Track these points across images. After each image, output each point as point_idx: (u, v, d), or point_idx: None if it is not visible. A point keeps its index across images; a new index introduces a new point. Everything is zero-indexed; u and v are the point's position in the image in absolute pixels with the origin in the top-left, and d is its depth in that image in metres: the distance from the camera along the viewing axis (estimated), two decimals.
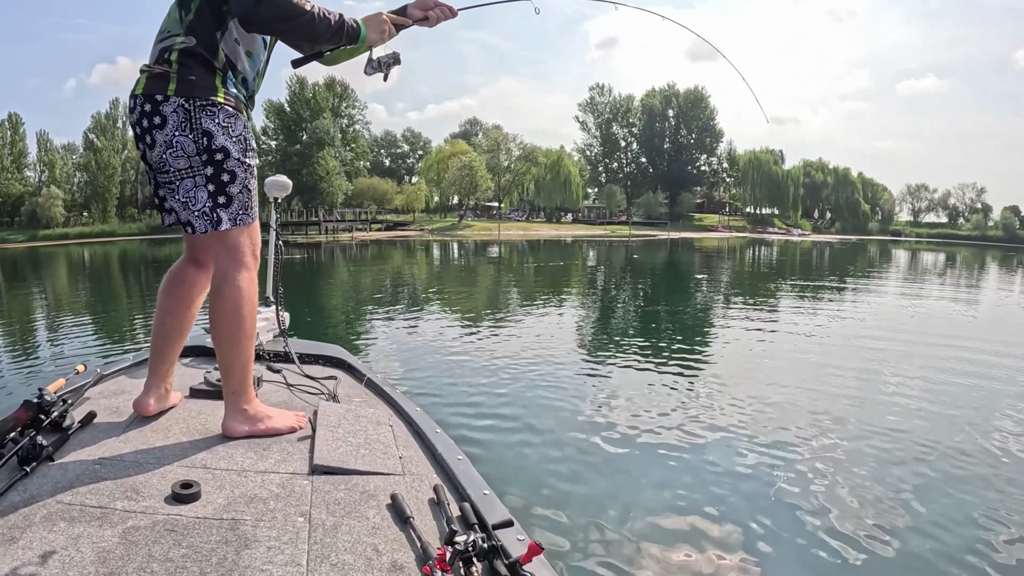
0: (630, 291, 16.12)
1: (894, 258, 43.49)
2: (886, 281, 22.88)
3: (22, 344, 9.01)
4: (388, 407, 2.86)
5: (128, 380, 3.04)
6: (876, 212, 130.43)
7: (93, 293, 16.34)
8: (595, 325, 10.65)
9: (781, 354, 8.48)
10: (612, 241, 53.64)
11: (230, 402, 2.31)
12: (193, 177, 2.17)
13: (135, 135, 2.23)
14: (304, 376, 3.14)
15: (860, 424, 5.54)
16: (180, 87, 2.12)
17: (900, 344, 9.44)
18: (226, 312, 2.25)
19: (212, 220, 2.21)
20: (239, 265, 2.27)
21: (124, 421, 2.43)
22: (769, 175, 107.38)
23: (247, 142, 2.28)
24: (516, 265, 26.14)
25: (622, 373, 7.05)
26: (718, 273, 23.47)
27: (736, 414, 5.66)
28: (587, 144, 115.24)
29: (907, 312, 14.08)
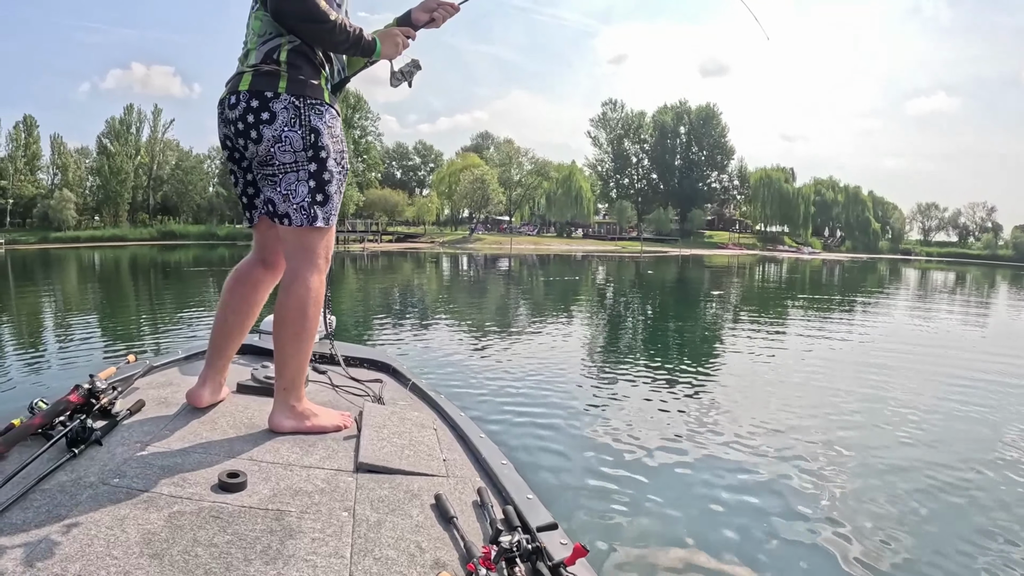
0: (647, 307, 16.18)
1: (904, 277, 42.96)
2: (896, 300, 22.80)
3: (72, 334, 9.17)
4: (433, 411, 2.89)
5: (177, 373, 3.11)
6: (887, 231, 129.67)
7: (134, 291, 16.54)
8: (621, 340, 10.72)
9: (796, 373, 8.50)
10: (623, 257, 53.48)
11: (280, 397, 2.36)
12: (297, 172, 2.26)
13: (233, 131, 2.30)
14: (350, 378, 3.17)
15: (872, 445, 5.54)
16: (291, 85, 2.24)
17: (911, 364, 9.44)
18: (292, 309, 2.31)
19: (309, 215, 2.28)
20: (312, 266, 2.34)
21: (172, 411, 2.49)
22: (780, 193, 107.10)
23: (343, 145, 2.40)
24: (532, 280, 26.14)
25: (652, 387, 7.10)
26: (732, 291, 23.45)
27: (752, 431, 5.70)
28: (598, 159, 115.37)
29: (918, 332, 14.05)
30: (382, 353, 3.81)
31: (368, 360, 3.62)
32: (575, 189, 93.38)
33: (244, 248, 29.36)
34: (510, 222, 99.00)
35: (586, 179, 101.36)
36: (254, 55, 2.30)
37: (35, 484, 1.74)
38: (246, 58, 2.34)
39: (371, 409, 2.63)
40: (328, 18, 2.20)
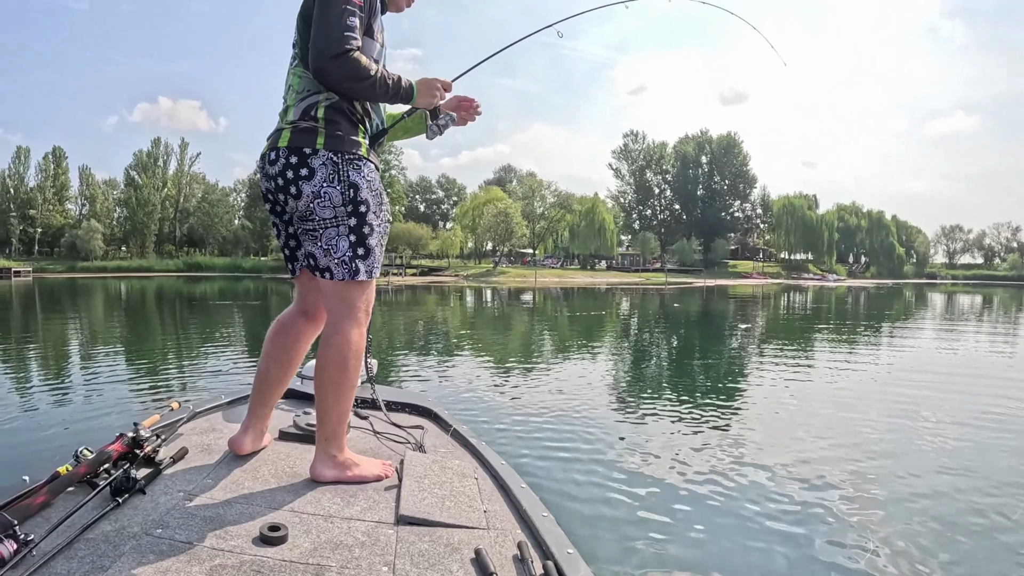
0: (677, 341, 16.02)
1: (931, 302, 42.14)
2: (923, 326, 22.50)
3: (113, 377, 9.16)
4: (474, 459, 2.85)
5: (220, 419, 3.13)
6: (911, 255, 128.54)
7: (171, 329, 16.67)
8: (655, 376, 10.53)
9: (825, 404, 8.34)
10: (647, 289, 53.11)
11: (321, 447, 2.37)
12: (337, 226, 2.28)
13: (274, 186, 2.34)
14: (391, 424, 3.17)
15: (903, 475, 5.45)
16: (329, 141, 2.27)
17: (941, 392, 9.31)
18: (333, 362, 2.32)
19: (351, 269, 2.30)
20: (352, 319, 2.36)
21: (215, 459, 2.50)
22: (803, 220, 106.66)
23: (383, 197, 2.43)
24: (559, 314, 25.94)
25: (691, 425, 6.83)
26: (759, 322, 23.16)
27: (784, 467, 5.59)
28: (621, 191, 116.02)
29: (946, 358, 13.84)
30: (423, 397, 3.78)
31: (409, 405, 3.59)
32: (598, 221, 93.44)
33: (269, 281, 30.01)
34: (534, 255, 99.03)
35: (609, 211, 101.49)
36: (292, 112, 2.35)
37: (80, 533, 1.77)
38: (285, 114, 2.39)
39: (412, 458, 2.64)
40: (369, 74, 2.24)
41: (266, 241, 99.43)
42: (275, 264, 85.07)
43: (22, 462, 5.06)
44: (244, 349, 12.75)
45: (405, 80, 2.38)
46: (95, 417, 6.72)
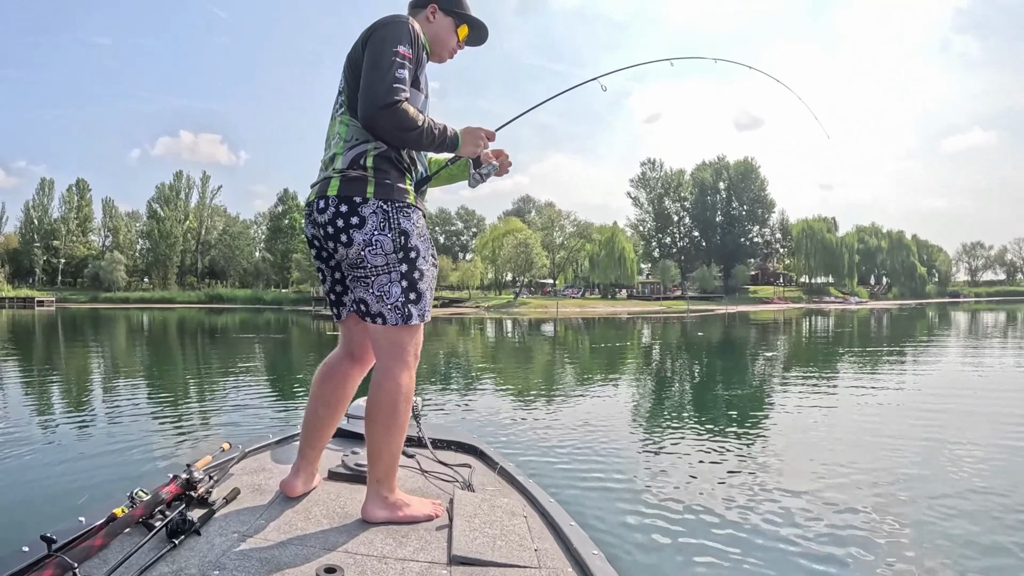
0: (707, 370, 15.83)
1: (954, 321, 41.73)
2: (947, 346, 22.30)
3: (162, 415, 9.25)
4: (522, 497, 2.84)
5: (269, 459, 3.17)
6: (933, 274, 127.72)
7: (212, 365, 16.67)
8: (689, 406, 10.32)
9: (855, 429, 8.23)
10: (669, 318, 52.76)
11: (373, 488, 2.40)
12: (389, 273, 2.33)
13: (323, 233, 2.39)
14: (438, 462, 3.18)
15: (932, 496, 5.43)
16: (379, 190, 2.33)
17: (966, 413, 9.27)
18: (384, 405, 2.36)
19: (404, 314, 2.35)
20: (402, 363, 2.40)
21: (267, 499, 2.53)
22: (823, 243, 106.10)
23: (431, 243, 2.48)
24: (583, 344, 25.75)
25: (739, 455, 6.72)
26: (785, 348, 22.96)
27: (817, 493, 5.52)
28: (640, 219, 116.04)
29: (972, 378, 13.75)
30: (468, 435, 3.78)
31: (455, 443, 3.61)
32: (618, 250, 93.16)
33: (290, 313, 30.09)
34: (554, 285, 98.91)
35: (628, 240, 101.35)
36: (340, 160, 2.39)
37: (139, 575, 1.80)
38: (332, 162, 2.43)
39: (461, 497, 2.64)
40: (417, 124, 2.30)
41: (287, 273, 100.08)
42: (296, 296, 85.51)
43: (77, 503, 5.10)
44: (283, 385, 12.87)
45: (451, 129, 2.44)
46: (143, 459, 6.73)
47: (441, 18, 2.66)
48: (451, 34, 2.69)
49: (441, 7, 2.65)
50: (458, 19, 2.69)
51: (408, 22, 2.42)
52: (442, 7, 2.65)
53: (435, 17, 2.65)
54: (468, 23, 2.71)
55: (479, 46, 2.84)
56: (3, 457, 6.74)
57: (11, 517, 4.92)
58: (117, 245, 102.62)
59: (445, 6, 2.66)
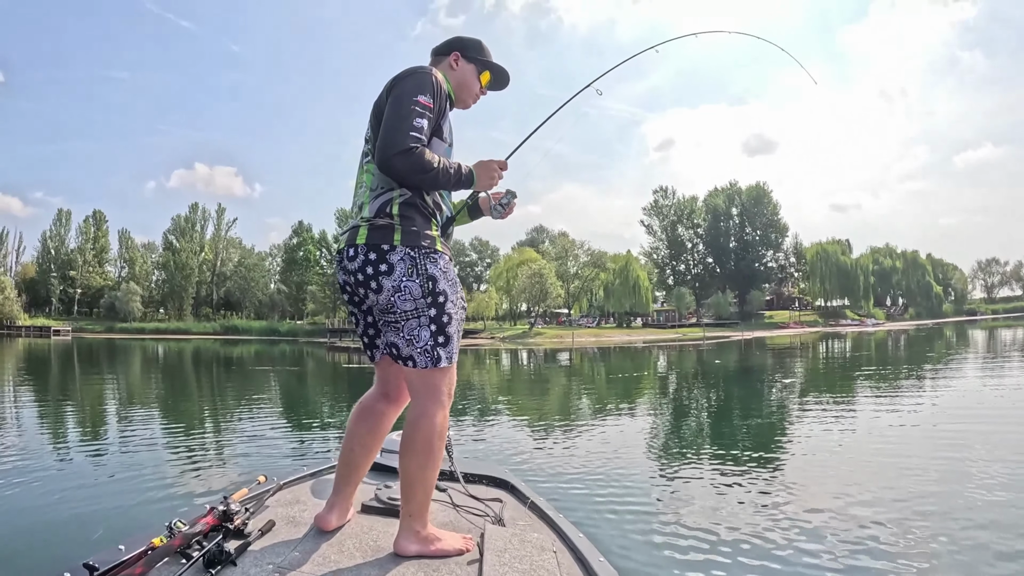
0: (734, 398, 15.59)
1: (972, 340, 41.57)
2: (966, 366, 22.20)
3: (199, 447, 9.36)
4: (552, 532, 2.85)
5: (304, 491, 3.20)
6: (949, 293, 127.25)
7: (240, 398, 16.72)
8: (714, 436, 10.16)
9: (879, 454, 8.26)
10: (685, 345, 52.20)
11: (405, 523, 2.43)
12: (418, 318, 2.38)
13: (353, 280, 2.43)
14: (469, 496, 3.19)
15: (951, 526, 5.38)
16: (405, 237, 2.38)
17: (986, 436, 9.19)
18: (419, 442, 2.40)
19: (433, 357, 2.39)
20: (437, 403, 2.44)
21: (301, 532, 2.56)
22: (838, 266, 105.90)
23: (459, 286, 2.52)
24: (600, 374, 25.58)
25: (765, 486, 6.69)
26: (804, 371, 22.84)
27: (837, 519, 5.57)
28: (653, 247, 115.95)
29: (990, 398, 13.66)
30: (500, 468, 3.80)
31: (487, 477, 3.62)
32: (632, 278, 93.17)
33: (305, 344, 30.30)
34: (569, 314, 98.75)
35: (642, 268, 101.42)
36: (368, 208, 2.45)
37: None
38: (360, 210, 2.49)
39: (492, 531, 2.65)
40: (433, 166, 2.36)
41: (301, 305, 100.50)
42: (311, 328, 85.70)
43: (117, 531, 5.10)
44: (309, 418, 13.05)
45: (465, 167, 2.52)
46: (176, 490, 6.78)
47: (464, 65, 2.75)
48: (474, 80, 2.77)
49: (464, 55, 2.75)
50: (480, 66, 2.78)
51: (431, 73, 2.49)
52: (465, 55, 2.75)
53: (458, 64, 2.74)
54: (490, 69, 2.80)
55: (500, 91, 2.93)
56: (46, 485, 6.85)
57: (53, 544, 5.03)
58: (133, 276, 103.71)
59: (468, 54, 2.76)
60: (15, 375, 24.00)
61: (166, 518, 2.40)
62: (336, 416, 12.85)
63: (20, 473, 7.49)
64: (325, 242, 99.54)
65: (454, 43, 2.78)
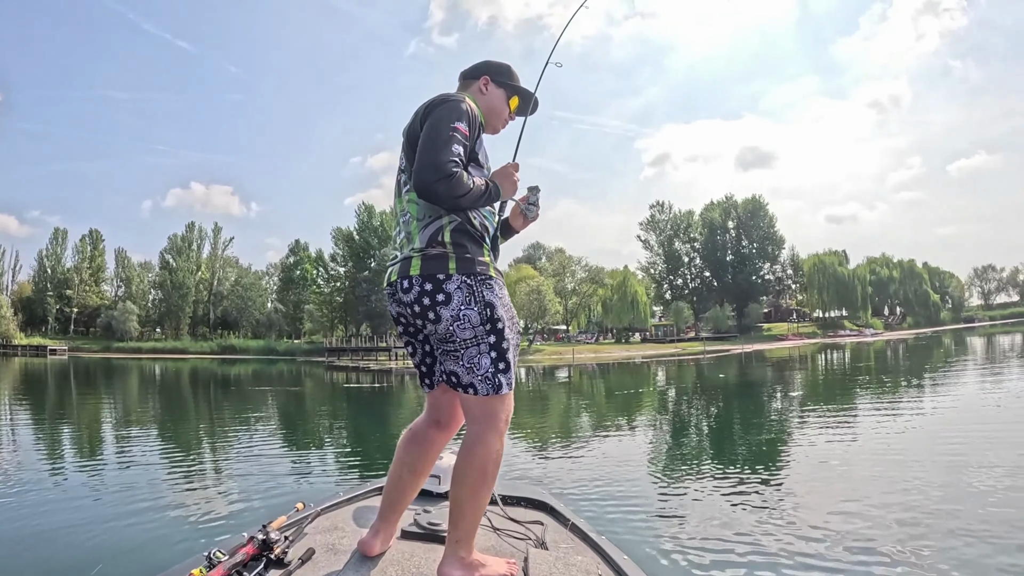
0: (745, 412, 15.61)
1: (971, 347, 42.23)
2: (963, 374, 22.36)
3: (222, 472, 9.35)
4: (595, 554, 2.83)
5: (342, 517, 3.15)
6: (946, 301, 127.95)
7: (257, 418, 16.82)
8: (728, 448, 10.27)
9: (868, 463, 8.44)
10: (684, 359, 51.80)
11: (451, 548, 2.39)
12: (478, 345, 2.36)
13: (410, 312, 2.42)
14: (509, 519, 3.16)
15: (951, 530, 5.51)
16: (460, 264, 2.37)
17: (985, 442, 9.39)
18: (474, 470, 2.37)
19: (494, 384, 2.37)
20: (494, 430, 2.40)
21: (342, 560, 2.53)
22: (835, 277, 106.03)
23: (513, 311, 2.51)
24: (604, 390, 25.66)
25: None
26: (807, 383, 22.99)
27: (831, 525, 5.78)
28: (651, 262, 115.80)
29: (987, 406, 13.82)
30: (538, 490, 3.76)
31: (525, 499, 3.57)
32: (630, 294, 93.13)
33: (303, 364, 30.59)
34: (567, 331, 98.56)
35: (640, 283, 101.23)
36: (418, 239, 2.43)
37: None
38: (409, 241, 2.47)
39: (535, 555, 2.63)
40: (470, 189, 2.36)
41: (299, 324, 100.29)
42: (309, 347, 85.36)
43: (154, 563, 5.02)
44: (336, 441, 13.05)
45: (489, 182, 2.52)
46: (207, 521, 6.66)
47: (494, 89, 2.75)
48: (504, 105, 2.77)
49: (493, 79, 2.75)
50: (510, 91, 2.78)
51: (465, 102, 2.49)
52: (494, 79, 2.75)
53: (488, 89, 2.74)
54: (519, 94, 2.80)
55: (530, 116, 2.90)
56: (80, 516, 6.77)
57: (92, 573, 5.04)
58: (130, 295, 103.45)
59: (497, 78, 2.76)
60: (22, 396, 24.07)
61: (204, 548, 2.38)
62: (362, 438, 12.75)
63: (52, 504, 7.38)
64: (322, 261, 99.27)
65: (483, 67, 2.78)
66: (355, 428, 15.05)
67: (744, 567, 4.92)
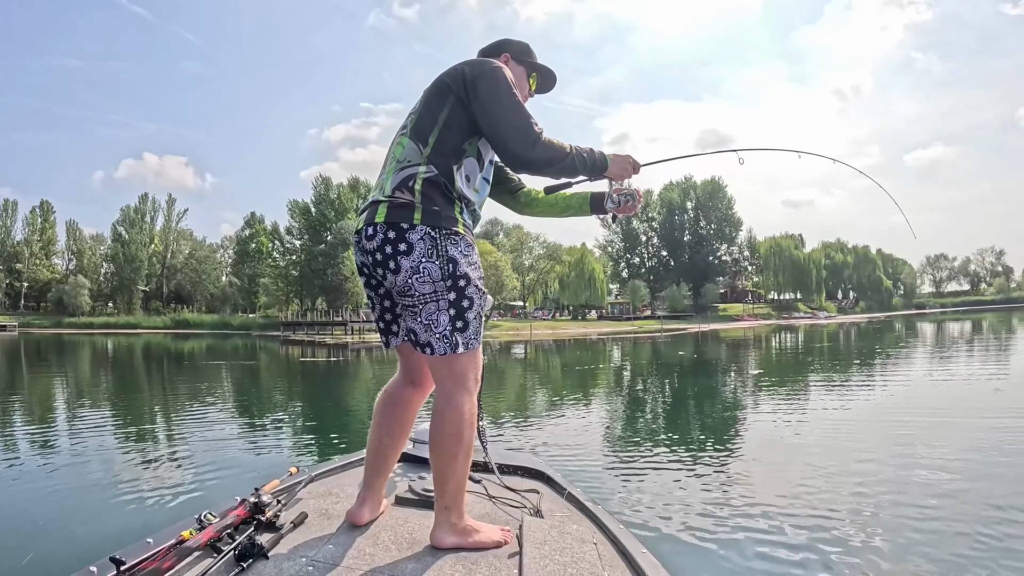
0: (714, 388, 15.74)
1: (921, 332, 43.05)
2: (913, 358, 22.95)
3: (215, 438, 9.37)
4: (591, 523, 2.80)
5: (337, 482, 3.14)
6: (898, 287, 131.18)
7: (280, 391, 16.94)
8: (713, 424, 10.25)
9: (816, 441, 8.55)
10: (641, 338, 52.14)
11: (441, 516, 2.36)
12: (436, 301, 2.27)
13: (371, 261, 2.33)
14: (505, 488, 3.12)
15: (900, 506, 5.61)
16: (426, 216, 2.27)
17: (933, 420, 9.65)
18: (447, 433, 2.31)
19: (451, 343, 2.29)
20: (463, 389, 2.34)
21: (335, 524, 2.50)
22: (791, 260, 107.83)
23: (480, 270, 2.41)
24: (553, 365, 25.86)
25: None
26: (772, 363, 23.37)
27: (779, 502, 5.76)
28: (608, 240, 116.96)
29: (936, 387, 14.20)
30: (535, 459, 3.75)
31: (522, 468, 3.56)
32: (587, 271, 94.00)
33: (258, 338, 30.17)
34: (524, 307, 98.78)
35: (597, 261, 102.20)
36: (390, 182, 2.35)
37: None
38: (382, 185, 2.40)
39: (530, 523, 2.59)
40: (566, 152, 2.37)
41: (254, 298, 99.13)
42: (264, 322, 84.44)
43: (145, 525, 5.12)
44: (321, 408, 13.32)
45: (599, 151, 2.52)
46: (201, 485, 6.69)
47: (515, 67, 2.68)
48: (525, 83, 2.73)
49: (514, 58, 2.70)
50: (529, 68, 2.74)
51: (504, 68, 2.45)
52: (515, 58, 2.70)
53: (509, 66, 2.64)
54: (538, 71, 2.76)
55: (546, 93, 2.88)
56: (72, 479, 6.95)
57: (80, 538, 5.10)
58: (81, 269, 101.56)
59: (518, 56, 2.71)
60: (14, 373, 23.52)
61: (196, 510, 2.37)
62: (323, 414, 12.57)
63: (44, 468, 7.52)
64: (278, 234, 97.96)
65: (503, 45, 2.73)
66: (313, 403, 14.85)
67: (733, 534, 4.98)
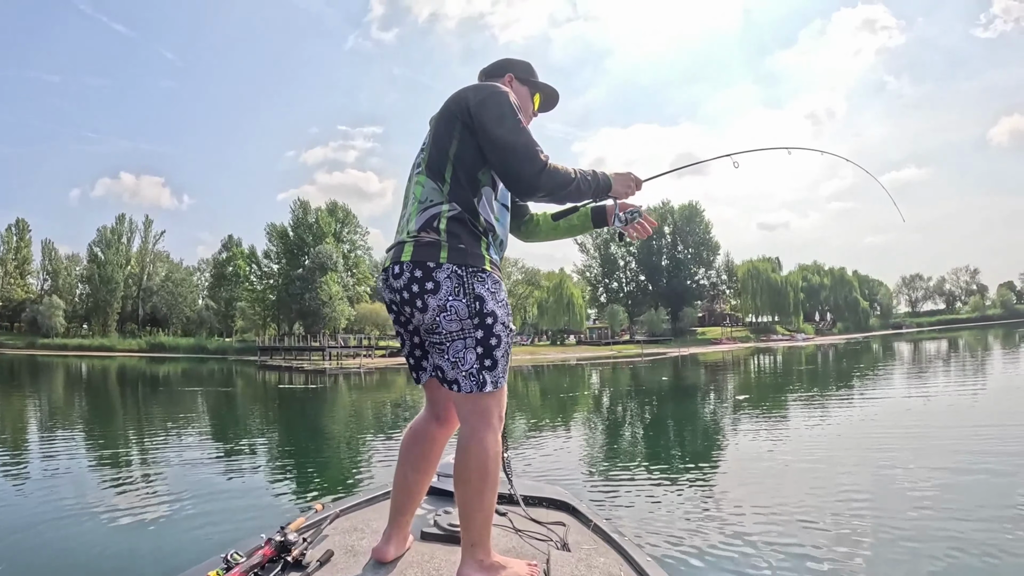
0: (684, 414, 15.76)
1: (898, 352, 43.74)
2: (891, 377, 23.28)
3: (237, 474, 9.24)
4: (619, 555, 2.76)
5: (363, 518, 3.11)
6: (875, 307, 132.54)
7: (302, 424, 16.55)
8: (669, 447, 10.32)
9: (796, 463, 8.64)
10: (620, 362, 51.85)
11: (468, 552, 2.33)
12: (464, 339, 2.28)
13: (399, 299, 2.35)
14: (531, 520, 3.09)
15: (879, 524, 5.67)
16: (452, 254, 2.28)
17: (911, 440, 9.82)
18: (472, 470, 2.30)
19: (478, 381, 2.29)
20: (488, 427, 2.33)
21: (361, 562, 2.48)
22: (768, 283, 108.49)
23: (508, 307, 2.41)
24: (533, 391, 25.75)
25: None
26: (742, 387, 23.45)
27: (760, 523, 5.86)
28: (587, 265, 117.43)
29: (914, 406, 14.46)
30: (560, 491, 3.68)
31: (547, 499, 3.50)
32: (566, 296, 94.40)
33: (235, 362, 29.64)
34: None
35: (576, 286, 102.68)
36: (415, 222, 2.37)
37: None
38: (407, 224, 2.41)
39: (558, 557, 2.58)
40: (572, 178, 2.36)
41: (231, 322, 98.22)
42: (240, 346, 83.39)
43: (171, 565, 4.99)
44: (341, 442, 12.97)
45: (601, 172, 2.52)
46: (224, 523, 6.57)
47: (518, 87, 2.71)
48: (529, 102, 2.74)
49: (518, 77, 2.72)
50: (533, 88, 2.75)
51: (508, 93, 2.45)
52: (518, 77, 2.72)
53: (513, 86, 2.69)
54: (541, 91, 2.78)
55: (549, 112, 2.89)
56: (97, 514, 6.79)
57: None
58: (56, 289, 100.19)
59: (521, 76, 2.73)
60: None
61: (221, 550, 2.35)
62: (343, 438, 12.30)
63: (71, 505, 7.29)
64: (255, 257, 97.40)
65: (506, 65, 2.75)
66: (314, 434, 14.62)
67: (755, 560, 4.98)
